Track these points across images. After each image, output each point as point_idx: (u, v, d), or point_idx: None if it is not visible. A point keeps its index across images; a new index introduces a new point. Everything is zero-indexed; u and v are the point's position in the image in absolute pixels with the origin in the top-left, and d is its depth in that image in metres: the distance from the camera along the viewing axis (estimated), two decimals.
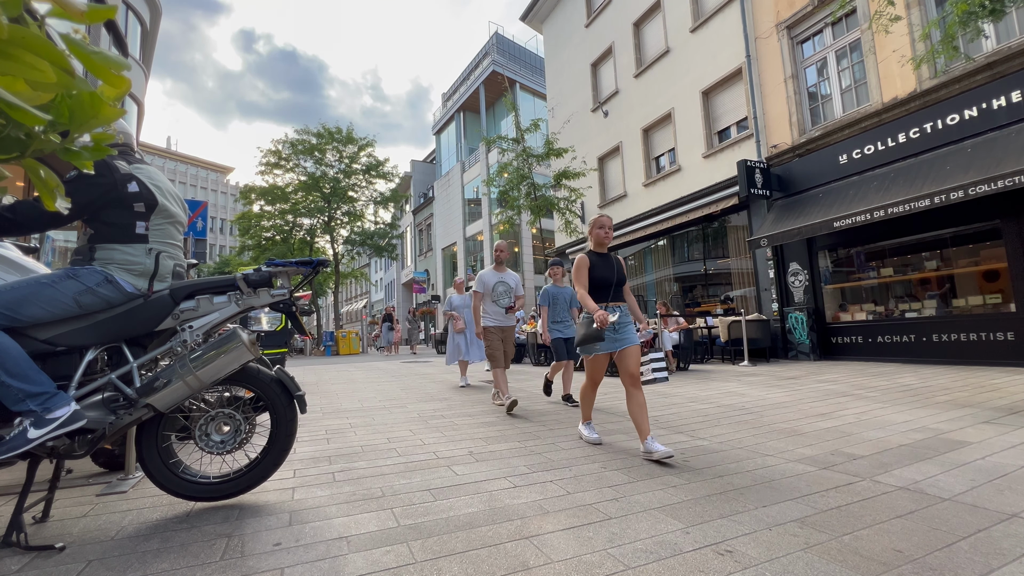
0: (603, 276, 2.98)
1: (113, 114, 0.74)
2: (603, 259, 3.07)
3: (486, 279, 4.61)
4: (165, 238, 2.05)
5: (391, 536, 1.77)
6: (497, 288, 4.60)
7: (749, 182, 9.13)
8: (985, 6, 4.46)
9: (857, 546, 1.59)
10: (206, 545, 1.72)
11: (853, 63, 8.42)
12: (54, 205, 0.84)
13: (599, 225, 3.14)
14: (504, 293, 4.61)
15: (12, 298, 1.72)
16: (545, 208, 12.17)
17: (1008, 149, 5.93)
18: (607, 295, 2.99)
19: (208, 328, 2.07)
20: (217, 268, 33.85)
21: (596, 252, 3.11)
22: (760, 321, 8.70)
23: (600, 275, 2.98)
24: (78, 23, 0.64)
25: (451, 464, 2.71)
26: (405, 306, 31.64)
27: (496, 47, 25.30)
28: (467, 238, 25.55)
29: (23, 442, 1.61)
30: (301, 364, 13.41)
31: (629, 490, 2.20)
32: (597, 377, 3.09)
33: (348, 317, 45.47)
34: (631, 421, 3.40)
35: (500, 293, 4.59)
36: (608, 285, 2.98)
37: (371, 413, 4.54)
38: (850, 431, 3.17)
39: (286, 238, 21.22)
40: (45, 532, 1.88)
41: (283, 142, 21.40)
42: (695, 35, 11.14)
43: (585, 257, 3.03)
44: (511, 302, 4.64)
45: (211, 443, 2.10)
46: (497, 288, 4.60)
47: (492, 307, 4.59)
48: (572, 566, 1.51)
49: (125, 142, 2.09)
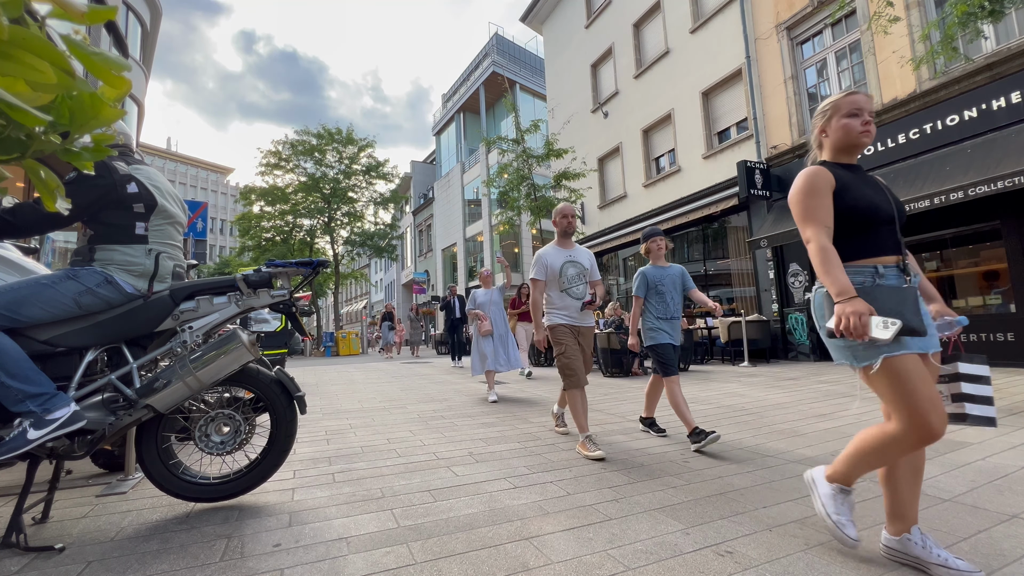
0: (873, 204, 1.48)
1: (113, 115, 0.74)
2: (855, 173, 1.56)
3: (549, 259, 3.20)
4: (165, 239, 2.05)
5: (391, 537, 1.77)
6: (566, 271, 3.16)
7: (749, 183, 9.13)
8: (984, 7, 4.47)
9: (857, 546, 1.59)
10: (206, 546, 1.72)
11: (853, 64, 8.43)
12: (54, 206, 0.84)
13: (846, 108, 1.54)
14: (577, 278, 3.18)
15: (12, 299, 1.72)
16: (545, 209, 12.16)
17: (1008, 150, 5.93)
18: (886, 242, 1.49)
19: (208, 329, 2.07)
20: (217, 269, 33.86)
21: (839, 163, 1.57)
22: (760, 322, 8.70)
23: (867, 201, 1.48)
24: (78, 24, 0.64)
25: (451, 465, 2.71)
26: (405, 307, 31.61)
27: (496, 48, 25.32)
28: (467, 239, 25.55)
29: (23, 443, 1.61)
30: (301, 365, 13.41)
31: (629, 491, 2.20)
32: None
33: (348, 318, 45.47)
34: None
35: (571, 278, 3.17)
36: (889, 220, 1.49)
37: (371, 414, 4.54)
38: (850, 432, 3.16)
39: (286, 239, 21.23)
40: (45, 533, 1.87)
41: (283, 143, 21.42)
42: (695, 36, 11.15)
43: (822, 170, 1.50)
44: (587, 291, 3.23)
45: (211, 444, 2.10)
46: (566, 271, 3.16)
47: (561, 297, 3.17)
48: (572, 567, 1.51)
49: (125, 143, 2.09)
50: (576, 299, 3.15)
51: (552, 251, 3.24)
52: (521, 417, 4.14)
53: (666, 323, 3.23)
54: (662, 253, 3.40)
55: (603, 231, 14.07)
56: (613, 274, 14.78)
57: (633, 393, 5.36)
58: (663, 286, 3.28)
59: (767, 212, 9.29)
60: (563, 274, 3.16)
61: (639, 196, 12.87)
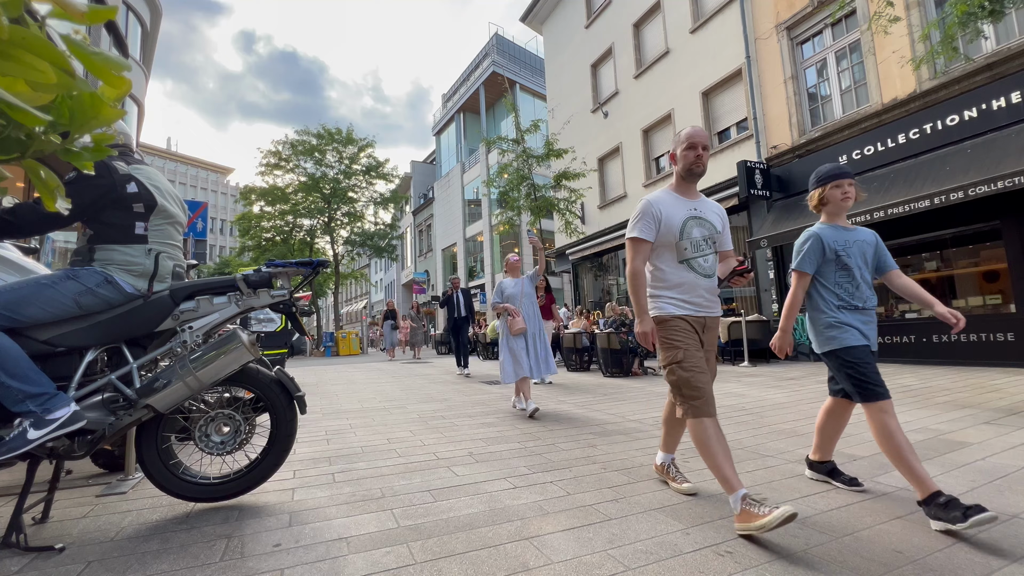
0: None
1: (113, 115, 0.74)
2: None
3: (664, 209, 2.08)
4: (164, 239, 2.05)
5: (391, 537, 1.77)
6: (690, 231, 2.08)
7: (749, 183, 9.13)
8: (984, 7, 4.47)
9: (857, 547, 1.59)
10: (206, 546, 1.72)
11: (853, 64, 8.43)
12: (54, 206, 0.84)
13: None
14: (704, 243, 2.10)
15: (12, 299, 1.72)
16: (545, 209, 12.16)
17: (1008, 150, 5.93)
18: None
19: (208, 329, 2.07)
20: (217, 269, 33.86)
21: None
22: (760, 322, 8.70)
23: None
24: (78, 24, 0.64)
25: (451, 465, 2.71)
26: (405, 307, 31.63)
27: (496, 48, 25.33)
28: (467, 239, 25.55)
29: (23, 443, 1.61)
30: (301, 365, 13.41)
31: (629, 491, 2.20)
32: None
33: (348, 318, 45.48)
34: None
35: (696, 243, 2.08)
36: None
37: (371, 414, 4.53)
38: (850, 432, 3.16)
39: (286, 239, 21.23)
40: (45, 533, 1.87)
41: (283, 143, 21.42)
42: (695, 36, 11.15)
43: None
44: (717, 265, 2.16)
45: (211, 444, 2.10)
46: (690, 231, 2.08)
47: (678, 272, 2.07)
48: (572, 567, 1.51)
49: (125, 143, 2.09)
50: (704, 276, 2.06)
51: (668, 198, 2.11)
52: (521, 417, 4.14)
53: (855, 315, 2.06)
54: (848, 205, 2.15)
55: (603, 231, 14.07)
56: (613, 274, 14.78)
57: (633, 393, 5.36)
58: (849, 258, 2.09)
59: (767, 212, 9.29)
60: (685, 235, 2.05)
61: (639, 196, 12.86)
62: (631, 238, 2.11)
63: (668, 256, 2.08)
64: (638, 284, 2.07)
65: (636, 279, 2.07)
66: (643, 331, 2.02)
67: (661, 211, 2.08)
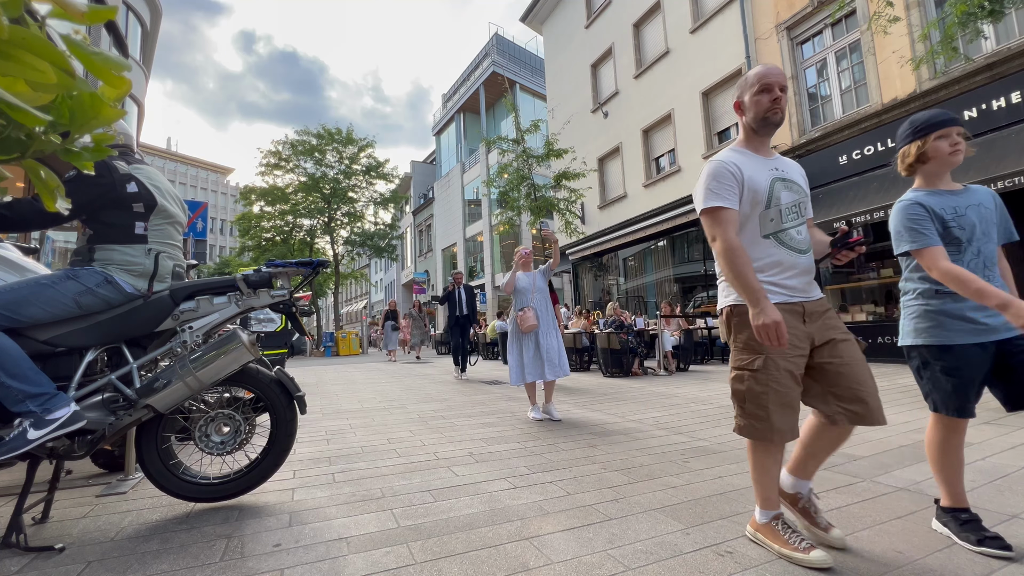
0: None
1: (113, 115, 0.74)
2: None
3: (745, 170, 1.61)
4: (164, 239, 2.05)
5: (391, 537, 1.77)
6: (778, 194, 1.62)
7: None
8: (984, 7, 4.48)
9: (857, 547, 1.59)
10: (206, 546, 1.72)
11: (853, 64, 8.43)
12: (54, 206, 0.84)
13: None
14: (795, 210, 1.64)
15: (12, 299, 1.72)
16: (545, 209, 12.17)
17: (1008, 149, 5.94)
18: None
19: (208, 329, 2.07)
20: (217, 269, 33.86)
21: None
22: None
23: None
24: (78, 24, 0.64)
25: (451, 465, 2.71)
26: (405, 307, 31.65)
27: (496, 48, 25.33)
28: (467, 239, 25.55)
29: (23, 443, 1.61)
30: (301, 365, 13.41)
31: (629, 491, 2.20)
32: None
33: (348, 318, 45.48)
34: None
35: (788, 209, 1.63)
36: None
37: (371, 414, 4.54)
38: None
39: (286, 239, 21.23)
40: (45, 533, 1.87)
41: (283, 143, 21.42)
42: (695, 36, 11.15)
43: None
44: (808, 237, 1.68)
45: (211, 444, 2.10)
46: (778, 194, 1.62)
47: (765, 248, 1.61)
48: (572, 567, 1.51)
49: (125, 143, 2.09)
50: (798, 252, 1.60)
51: (741, 158, 1.63)
52: (521, 417, 4.14)
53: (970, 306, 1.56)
54: (958, 160, 1.64)
55: (603, 231, 14.07)
56: (613, 274, 14.78)
57: (633, 393, 5.36)
58: (962, 228, 1.59)
59: None
60: (773, 201, 1.60)
61: (639, 196, 12.87)
62: (711, 208, 1.57)
63: (749, 229, 1.61)
64: (739, 260, 1.50)
65: (735, 254, 1.51)
66: (765, 323, 1.43)
67: (741, 171, 1.59)
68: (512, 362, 4.20)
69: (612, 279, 14.76)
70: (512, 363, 4.20)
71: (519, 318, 4.15)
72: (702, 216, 1.62)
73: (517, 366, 4.15)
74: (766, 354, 1.54)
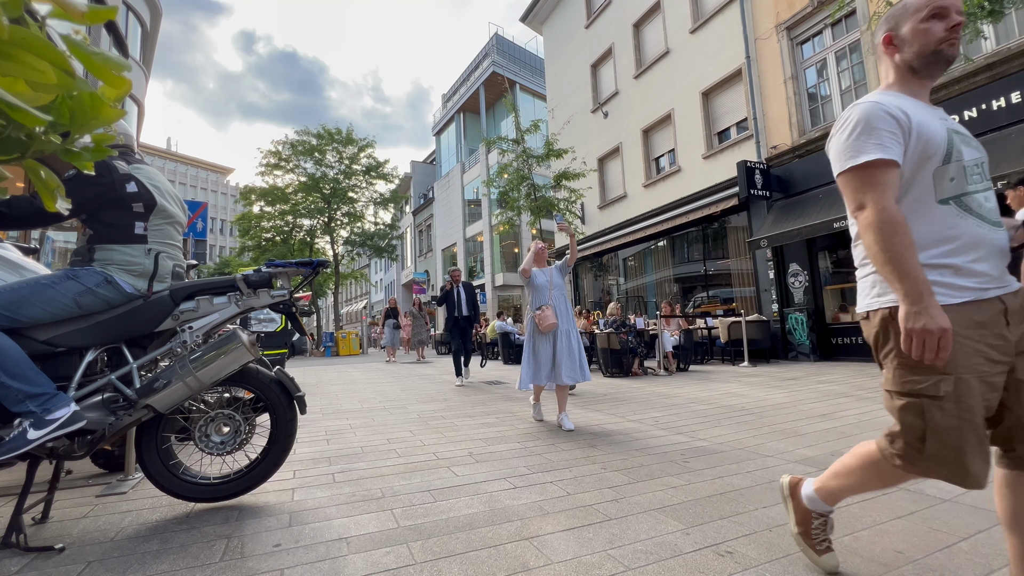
0: None
1: (114, 115, 0.74)
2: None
3: (914, 115, 1.14)
4: (164, 239, 2.05)
5: (391, 537, 1.77)
6: (958, 150, 1.14)
7: (749, 183, 9.14)
8: (984, 7, 4.48)
9: (857, 547, 1.59)
10: (206, 546, 1.72)
11: (853, 64, 8.43)
12: (55, 206, 0.84)
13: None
14: (979, 170, 1.17)
15: (12, 299, 1.72)
16: (545, 209, 12.17)
17: (1008, 150, 5.94)
18: None
19: (208, 329, 2.07)
20: (217, 269, 33.88)
21: None
22: (760, 322, 8.70)
23: None
24: (78, 24, 0.64)
25: (451, 465, 2.71)
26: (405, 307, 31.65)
27: (496, 48, 25.34)
28: (467, 239, 25.56)
29: (23, 443, 1.61)
30: (301, 365, 13.40)
31: (629, 491, 2.20)
32: None
33: (348, 318, 45.48)
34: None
35: (971, 167, 1.15)
36: None
37: (371, 414, 4.53)
38: (850, 432, 3.16)
39: (286, 239, 21.23)
40: (45, 533, 1.87)
41: (283, 143, 21.42)
42: (695, 36, 11.15)
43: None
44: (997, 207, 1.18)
45: (211, 444, 2.10)
46: (958, 150, 1.14)
47: (942, 219, 1.12)
48: (572, 567, 1.51)
49: (125, 143, 2.09)
50: (991, 224, 1.14)
51: (903, 101, 1.19)
52: (521, 417, 4.14)
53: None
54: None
55: (603, 231, 14.07)
56: (613, 274, 14.78)
57: (633, 393, 5.36)
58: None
59: (767, 212, 9.30)
60: (953, 155, 1.15)
61: (639, 196, 12.87)
62: (864, 165, 1.13)
63: (914, 195, 1.16)
64: (900, 237, 1.08)
65: (895, 228, 1.08)
66: (928, 327, 1.03)
67: (908, 115, 1.15)
68: (524, 364, 3.87)
69: (612, 279, 14.77)
70: (524, 365, 3.87)
71: (537, 317, 3.80)
72: (846, 176, 1.18)
73: (529, 368, 3.83)
74: (956, 374, 1.08)
